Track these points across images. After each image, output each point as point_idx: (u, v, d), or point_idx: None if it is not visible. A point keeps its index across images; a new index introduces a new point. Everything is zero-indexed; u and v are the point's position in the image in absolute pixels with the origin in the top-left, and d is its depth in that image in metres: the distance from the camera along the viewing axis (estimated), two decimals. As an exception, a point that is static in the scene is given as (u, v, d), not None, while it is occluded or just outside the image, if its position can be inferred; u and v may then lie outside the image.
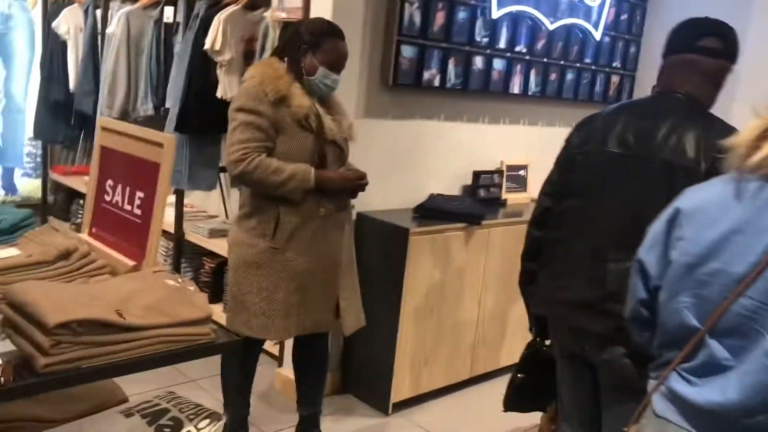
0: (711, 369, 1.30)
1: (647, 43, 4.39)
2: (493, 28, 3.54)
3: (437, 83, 3.36)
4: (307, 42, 2.44)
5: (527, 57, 3.76)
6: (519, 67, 3.74)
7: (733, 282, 1.27)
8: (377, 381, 3.20)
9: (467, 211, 3.29)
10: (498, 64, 3.62)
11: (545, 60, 3.87)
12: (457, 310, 3.34)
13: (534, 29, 3.76)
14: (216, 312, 2.29)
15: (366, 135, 3.18)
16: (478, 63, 3.52)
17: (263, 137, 2.38)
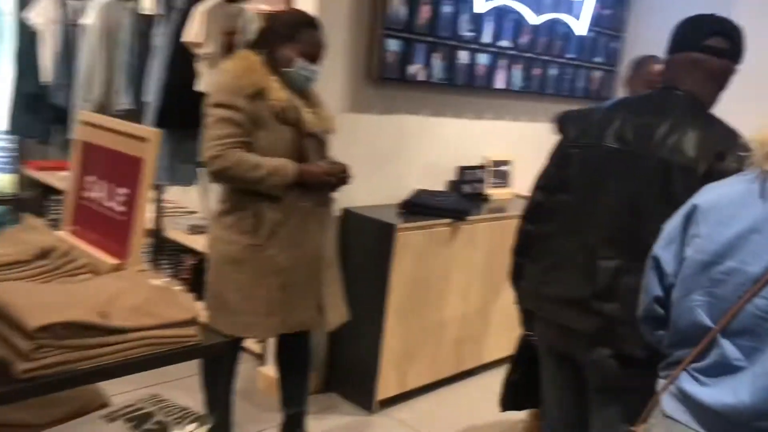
0: (722, 369, 1.28)
1: (630, 39, 4.39)
2: (478, 22, 3.52)
3: (422, 77, 3.33)
4: (284, 34, 2.38)
5: (511, 52, 3.74)
6: (503, 62, 3.71)
7: (749, 281, 1.25)
8: (362, 379, 3.16)
9: (453, 207, 3.26)
10: (482, 58, 3.59)
11: (529, 55, 3.85)
12: (443, 305, 3.32)
13: (518, 24, 3.74)
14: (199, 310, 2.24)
15: (350, 130, 3.14)
16: (462, 57, 3.49)
17: (241, 132, 2.32)
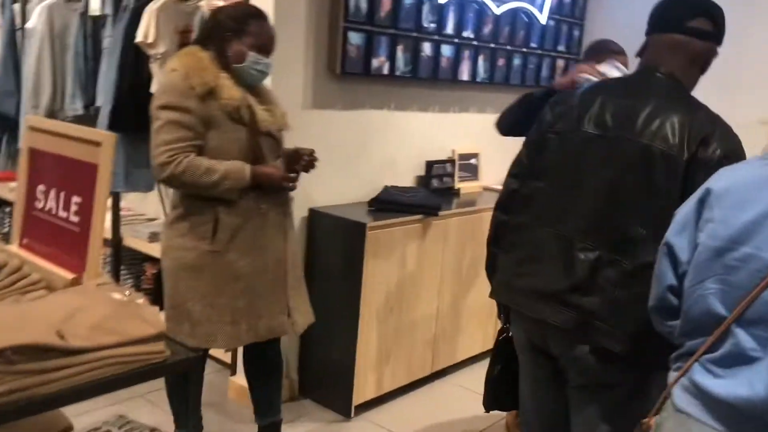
0: (737, 360, 1.22)
1: (590, 27, 4.38)
2: (440, 13, 3.45)
3: (386, 71, 3.24)
4: (231, 28, 2.29)
5: (475, 42, 3.68)
6: (467, 53, 3.65)
7: (765, 268, 1.19)
8: (337, 383, 3.07)
9: (423, 203, 3.19)
10: (446, 50, 3.52)
11: (492, 45, 3.80)
12: (417, 304, 3.25)
13: (480, 14, 3.68)
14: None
15: (314, 127, 3.05)
16: (426, 50, 3.41)
17: (191, 136, 2.21)
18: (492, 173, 3.99)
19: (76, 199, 1.64)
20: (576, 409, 1.84)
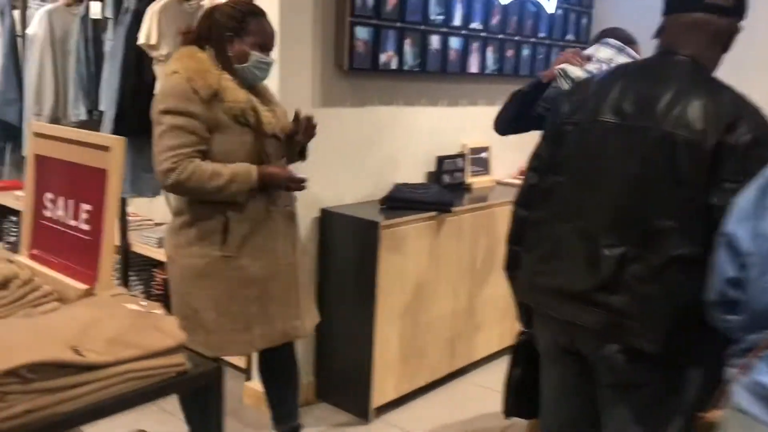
0: None
1: (598, 15, 4.31)
2: (448, 5, 3.38)
3: (394, 66, 3.17)
4: (231, 27, 2.22)
5: (483, 34, 3.61)
6: (475, 45, 3.58)
7: None
8: (355, 386, 3.01)
9: (436, 199, 3.12)
10: (454, 42, 3.45)
11: (501, 36, 3.73)
12: (433, 303, 3.18)
13: (488, 4, 3.61)
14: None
15: (323, 125, 2.95)
16: (434, 43, 3.34)
17: (195, 141, 2.15)
18: (503, 166, 3.92)
19: (85, 207, 1.58)
20: (606, 410, 1.77)
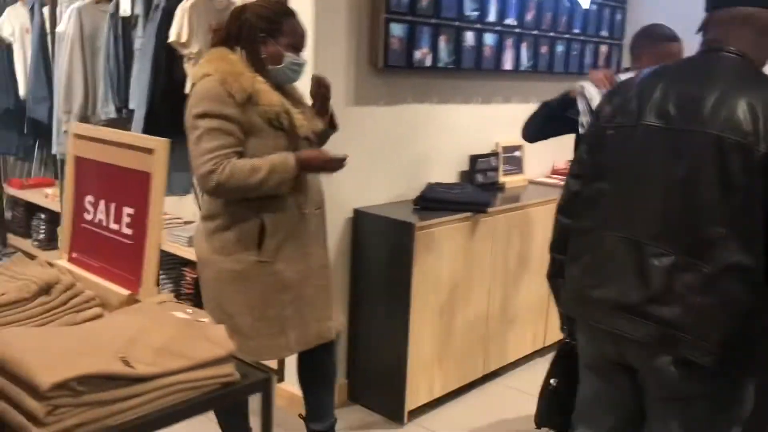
0: None
1: (632, 10, 4.21)
2: (482, 0, 3.31)
3: (429, 63, 3.11)
4: (264, 29, 2.17)
5: (518, 30, 3.54)
6: (510, 42, 3.51)
7: None
8: (389, 388, 2.96)
9: (471, 199, 3.06)
10: (489, 39, 3.38)
11: (535, 32, 3.65)
12: (468, 304, 3.13)
13: (523, 0, 3.53)
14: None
15: (357, 124, 2.94)
16: (468, 39, 3.28)
17: (233, 142, 2.11)
18: (537, 165, 3.85)
19: (128, 210, 1.56)
20: (656, 424, 1.68)
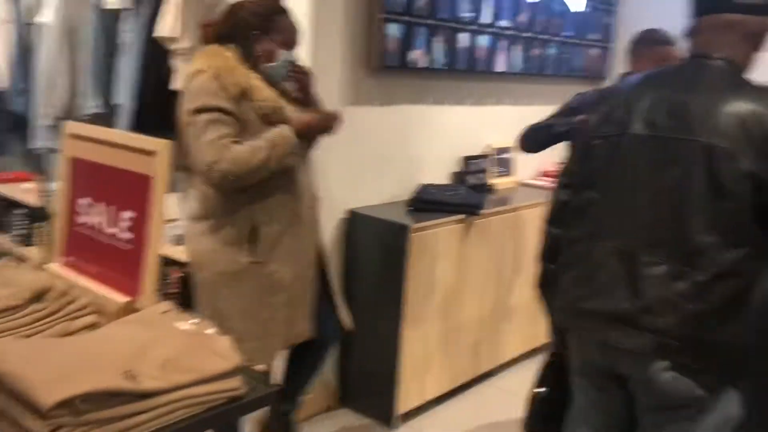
0: None
1: (623, 13, 4.22)
2: (477, 2, 3.28)
3: (423, 64, 3.08)
4: (258, 26, 2.14)
5: (511, 32, 3.52)
6: (503, 44, 3.49)
7: None
8: (380, 391, 2.93)
9: (465, 201, 3.04)
10: (482, 40, 3.36)
11: (528, 35, 3.64)
12: (459, 306, 3.11)
13: (516, 1, 3.51)
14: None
15: (351, 125, 2.88)
16: (463, 40, 3.25)
17: (233, 132, 2.07)
18: (527, 167, 3.84)
19: (126, 214, 1.49)
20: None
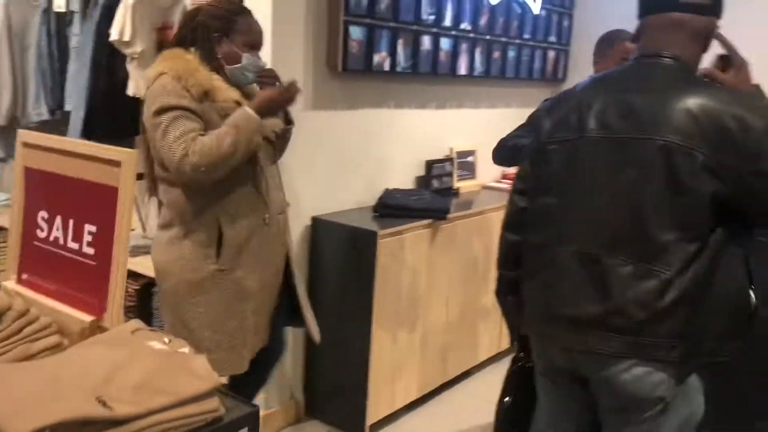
0: None
1: (579, 16, 4.26)
2: (439, 4, 3.26)
3: (387, 67, 3.04)
4: (217, 28, 2.09)
5: (471, 35, 3.51)
6: (464, 46, 3.48)
7: None
8: (349, 402, 2.87)
9: (431, 206, 3.01)
10: (445, 43, 3.34)
11: (488, 37, 3.63)
12: (429, 313, 3.07)
13: (477, 4, 3.51)
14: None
15: (314, 129, 2.83)
16: (425, 43, 3.22)
17: (198, 126, 2.01)
18: (490, 170, 3.83)
19: (89, 228, 1.41)
20: None
